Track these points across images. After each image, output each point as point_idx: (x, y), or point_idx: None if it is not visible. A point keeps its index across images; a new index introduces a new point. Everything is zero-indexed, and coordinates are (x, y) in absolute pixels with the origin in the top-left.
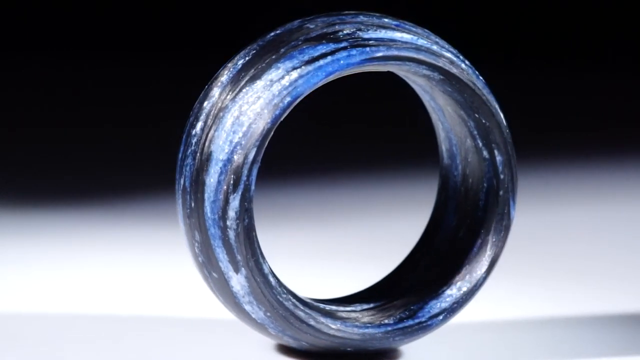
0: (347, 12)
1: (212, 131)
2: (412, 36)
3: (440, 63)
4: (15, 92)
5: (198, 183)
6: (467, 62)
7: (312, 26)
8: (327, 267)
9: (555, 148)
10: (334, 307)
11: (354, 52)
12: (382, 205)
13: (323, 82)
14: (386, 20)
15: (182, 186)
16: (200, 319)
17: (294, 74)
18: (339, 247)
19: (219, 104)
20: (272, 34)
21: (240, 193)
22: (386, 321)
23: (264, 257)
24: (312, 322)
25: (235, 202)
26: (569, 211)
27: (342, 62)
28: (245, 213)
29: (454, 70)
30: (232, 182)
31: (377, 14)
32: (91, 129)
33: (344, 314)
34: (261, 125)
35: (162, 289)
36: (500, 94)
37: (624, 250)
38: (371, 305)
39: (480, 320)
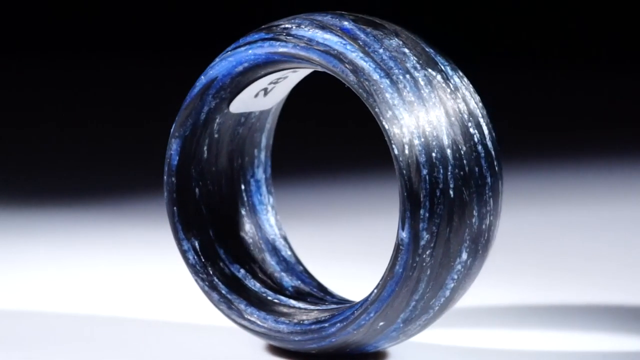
0: (329, 11)
1: None
2: (338, 39)
3: (338, 69)
4: (15, 92)
5: None
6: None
7: (281, 20)
8: (326, 266)
9: (553, 148)
10: (284, 299)
11: (265, 44)
12: (383, 205)
13: (236, 68)
14: (335, 20)
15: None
16: (191, 319)
17: (217, 59)
18: (339, 246)
19: None
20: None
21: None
22: (305, 321)
23: (194, 235)
24: (222, 307)
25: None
26: (568, 210)
27: (250, 51)
28: (166, 186)
29: (349, 78)
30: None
31: (342, 14)
32: (91, 129)
33: (284, 308)
34: (185, 100)
35: (155, 289)
36: (499, 93)
37: (622, 248)
38: (314, 305)
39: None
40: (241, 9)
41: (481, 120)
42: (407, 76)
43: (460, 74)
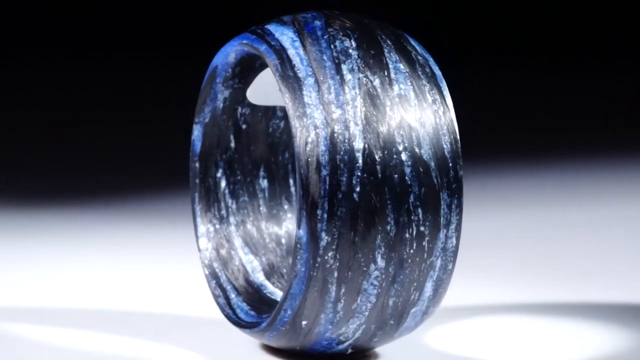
0: (322, 10)
1: None
2: (293, 35)
3: (272, 63)
4: (15, 92)
5: None
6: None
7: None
8: None
9: (552, 148)
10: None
11: (246, 37)
12: None
13: (228, 58)
14: (310, 18)
15: None
16: (189, 317)
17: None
18: None
19: None
20: None
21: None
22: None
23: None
24: (220, 300)
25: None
26: (568, 210)
27: (236, 42)
28: (190, 172)
29: (277, 73)
30: None
31: (324, 14)
32: (92, 129)
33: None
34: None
35: (153, 286)
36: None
37: (622, 248)
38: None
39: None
40: (241, 9)
41: (421, 130)
42: (337, 77)
43: (429, 84)
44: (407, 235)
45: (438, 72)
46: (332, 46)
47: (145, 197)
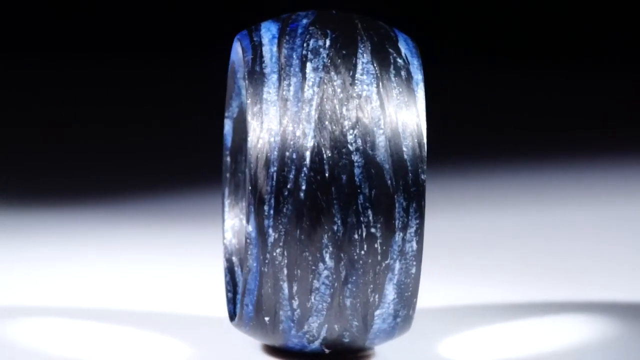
0: (320, 9)
1: None
2: (276, 31)
3: (246, 58)
4: (15, 92)
5: None
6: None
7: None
8: None
9: (552, 147)
10: None
11: (239, 33)
12: None
13: (234, 54)
14: (302, 15)
15: None
16: (187, 316)
17: None
18: None
19: None
20: None
21: None
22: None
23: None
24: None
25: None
26: (567, 210)
27: (235, 39)
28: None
29: (245, 70)
30: None
31: (317, 11)
32: (92, 129)
33: None
34: None
35: (153, 286)
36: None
37: (622, 248)
38: None
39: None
40: (241, 9)
41: (378, 132)
42: (300, 75)
43: (399, 87)
44: (356, 236)
45: (417, 77)
46: (304, 44)
47: (145, 197)
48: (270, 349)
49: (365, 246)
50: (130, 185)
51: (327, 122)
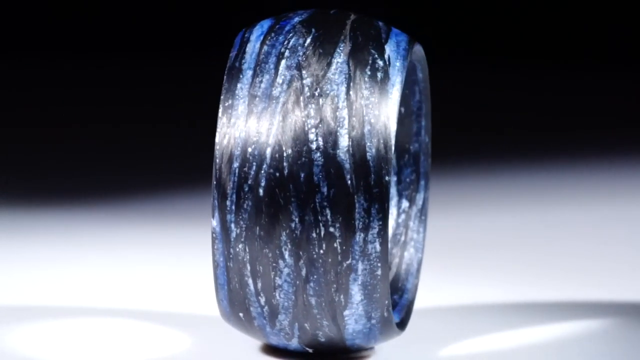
0: (317, 8)
1: None
2: (265, 29)
3: (232, 54)
4: (15, 92)
5: None
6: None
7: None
8: None
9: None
10: None
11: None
12: None
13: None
14: (297, 13)
15: None
16: (187, 316)
17: None
18: None
19: None
20: None
21: None
22: None
23: None
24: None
25: None
26: (567, 210)
27: None
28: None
29: (227, 65)
30: None
31: (312, 10)
32: (91, 129)
33: None
34: None
35: (152, 286)
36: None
37: (622, 247)
38: None
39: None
40: (242, 9)
41: (341, 131)
42: (272, 72)
43: (372, 88)
44: (314, 235)
45: (394, 79)
46: (285, 42)
47: (145, 196)
48: (269, 349)
49: (324, 245)
50: (130, 185)
51: (290, 120)
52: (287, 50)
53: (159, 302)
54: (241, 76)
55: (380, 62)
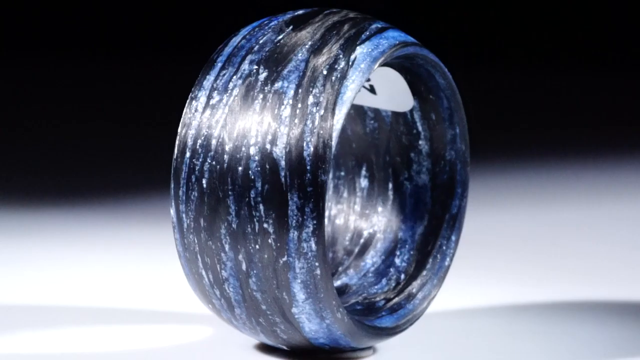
0: (314, 7)
1: None
2: (254, 25)
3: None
4: (15, 92)
5: None
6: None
7: None
8: None
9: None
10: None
11: None
12: None
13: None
14: (289, 12)
15: None
16: (186, 316)
17: None
18: None
19: None
20: None
21: None
22: None
23: None
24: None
25: None
26: (566, 210)
27: None
28: None
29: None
30: None
31: (303, 9)
32: (91, 129)
33: None
34: None
35: (151, 285)
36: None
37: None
38: None
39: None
40: (241, 8)
41: (281, 128)
42: (237, 65)
43: (323, 87)
44: (249, 229)
45: (352, 80)
46: (261, 37)
47: (145, 196)
48: (267, 349)
49: (259, 240)
50: (131, 185)
51: (236, 114)
52: (258, 46)
53: (158, 302)
54: (212, 69)
55: (342, 63)
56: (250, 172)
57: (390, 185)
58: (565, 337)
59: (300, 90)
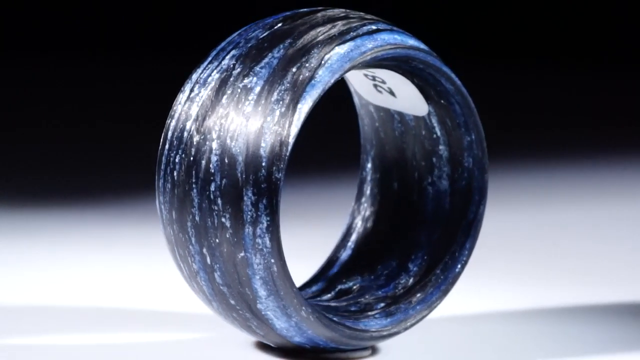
0: (313, 7)
1: None
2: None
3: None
4: (15, 92)
5: None
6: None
7: None
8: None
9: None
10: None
11: None
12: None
13: None
14: (286, 12)
15: None
16: (185, 316)
17: None
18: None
19: None
20: None
21: None
22: None
23: None
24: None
25: None
26: (565, 209)
27: None
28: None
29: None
30: None
31: (309, 8)
32: (91, 129)
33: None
34: None
35: (150, 285)
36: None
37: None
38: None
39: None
40: (241, 8)
41: (242, 123)
42: (220, 60)
43: (289, 85)
44: (209, 223)
45: (320, 79)
46: (250, 34)
47: (145, 196)
48: (265, 348)
49: (218, 234)
50: (131, 185)
51: (206, 108)
52: (243, 41)
53: (157, 302)
54: (202, 62)
55: (313, 62)
56: (211, 166)
57: (416, 189)
58: (565, 337)
59: (267, 89)
